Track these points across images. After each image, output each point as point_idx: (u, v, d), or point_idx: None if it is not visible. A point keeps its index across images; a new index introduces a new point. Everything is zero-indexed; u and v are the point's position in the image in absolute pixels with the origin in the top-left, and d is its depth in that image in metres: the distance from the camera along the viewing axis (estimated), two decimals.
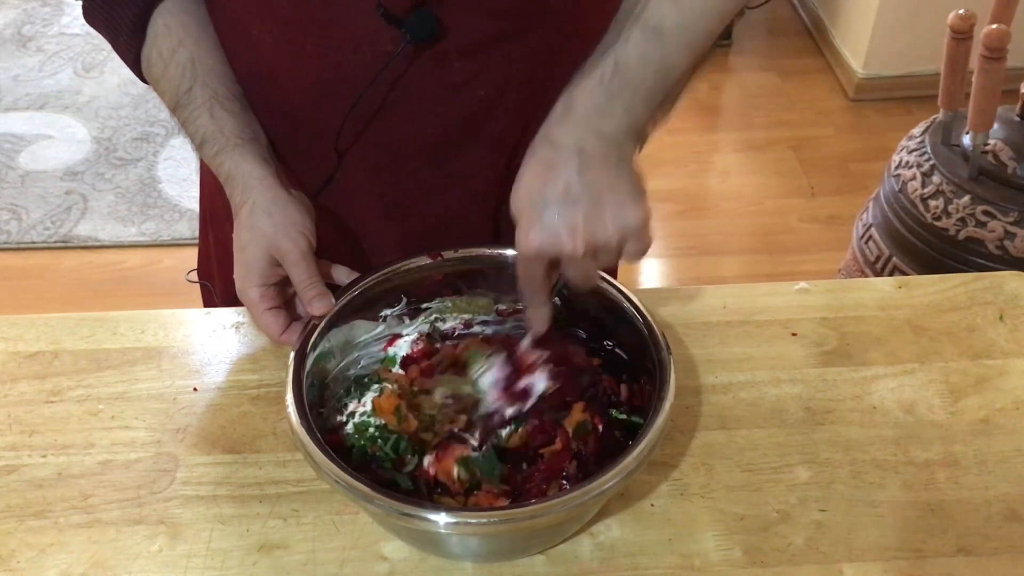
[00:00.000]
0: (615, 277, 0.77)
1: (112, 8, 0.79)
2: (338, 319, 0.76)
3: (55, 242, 2.36)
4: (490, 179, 0.88)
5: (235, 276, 0.77)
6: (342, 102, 0.78)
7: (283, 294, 0.78)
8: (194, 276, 1.06)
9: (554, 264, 0.70)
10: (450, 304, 0.82)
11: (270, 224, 0.75)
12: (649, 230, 0.69)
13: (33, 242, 2.35)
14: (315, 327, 0.74)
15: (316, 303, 0.74)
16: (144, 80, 0.82)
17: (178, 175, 2.56)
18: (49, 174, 2.57)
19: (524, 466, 0.73)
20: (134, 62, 0.81)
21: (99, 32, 0.81)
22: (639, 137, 0.70)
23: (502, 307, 0.81)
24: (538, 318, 0.73)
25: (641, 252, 0.69)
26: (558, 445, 0.73)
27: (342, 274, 0.80)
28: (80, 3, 0.80)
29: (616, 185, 0.67)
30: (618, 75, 0.67)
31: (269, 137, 0.83)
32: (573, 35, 0.83)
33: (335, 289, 0.77)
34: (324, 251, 0.78)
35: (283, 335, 0.76)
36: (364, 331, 0.79)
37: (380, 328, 0.80)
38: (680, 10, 0.67)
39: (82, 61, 3.04)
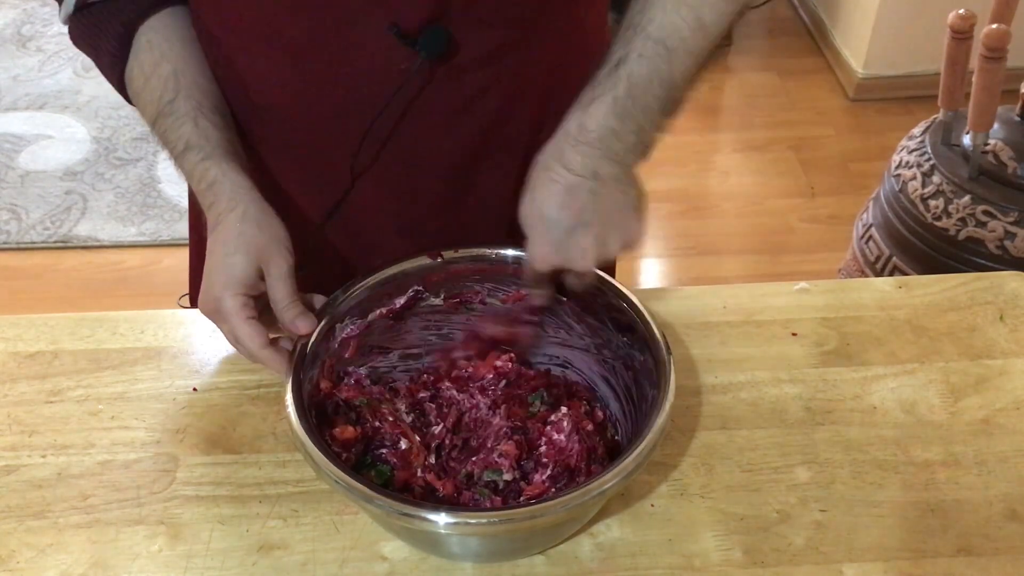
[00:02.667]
0: (613, 276, 0.77)
1: (97, 27, 0.79)
2: (338, 318, 0.76)
3: (55, 242, 2.35)
4: (503, 192, 0.86)
5: (212, 283, 0.73)
6: (358, 125, 0.78)
7: (258, 307, 0.74)
8: (186, 301, 1.04)
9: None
10: None
11: (260, 235, 0.73)
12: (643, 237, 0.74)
13: (33, 242, 2.35)
14: (307, 344, 0.72)
15: (300, 322, 0.72)
16: (129, 101, 0.81)
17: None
18: (49, 174, 2.57)
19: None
20: (118, 82, 0.81)
21: (85, 54, 0.81)
22: (647, 150, 0.72)
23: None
24: (540, 297, 0.79)
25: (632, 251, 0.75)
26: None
27: (317, 303, 0.76)
28: (67, 22, 0.80)
29: (623, 204, 0.72)
30: (630, 96, 0.69)
31: (280, 164, 0.82)
32: (580, 43, 0.83)
33: (331, 294, 0.76)
34: (338, 272, 0.77)
35: (263, 350, 0.72)
36: None
37: None
38: (686, 20, 0.68)
39: (82, 61, 3.04)
